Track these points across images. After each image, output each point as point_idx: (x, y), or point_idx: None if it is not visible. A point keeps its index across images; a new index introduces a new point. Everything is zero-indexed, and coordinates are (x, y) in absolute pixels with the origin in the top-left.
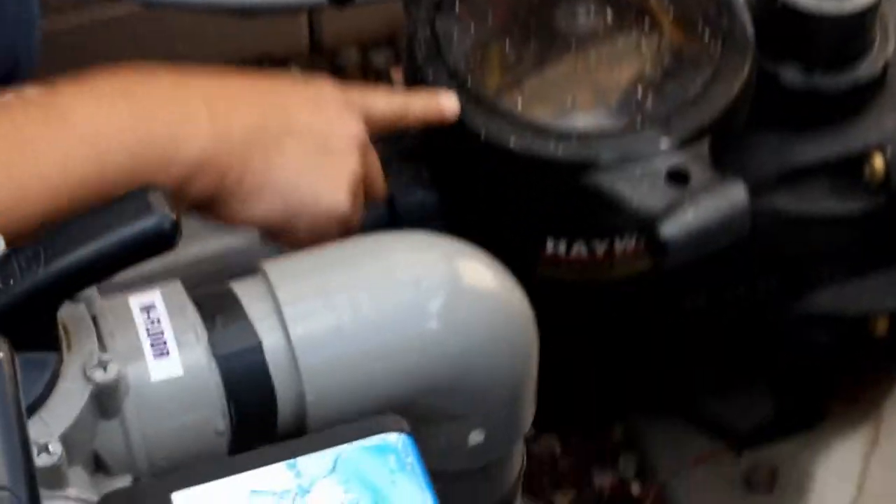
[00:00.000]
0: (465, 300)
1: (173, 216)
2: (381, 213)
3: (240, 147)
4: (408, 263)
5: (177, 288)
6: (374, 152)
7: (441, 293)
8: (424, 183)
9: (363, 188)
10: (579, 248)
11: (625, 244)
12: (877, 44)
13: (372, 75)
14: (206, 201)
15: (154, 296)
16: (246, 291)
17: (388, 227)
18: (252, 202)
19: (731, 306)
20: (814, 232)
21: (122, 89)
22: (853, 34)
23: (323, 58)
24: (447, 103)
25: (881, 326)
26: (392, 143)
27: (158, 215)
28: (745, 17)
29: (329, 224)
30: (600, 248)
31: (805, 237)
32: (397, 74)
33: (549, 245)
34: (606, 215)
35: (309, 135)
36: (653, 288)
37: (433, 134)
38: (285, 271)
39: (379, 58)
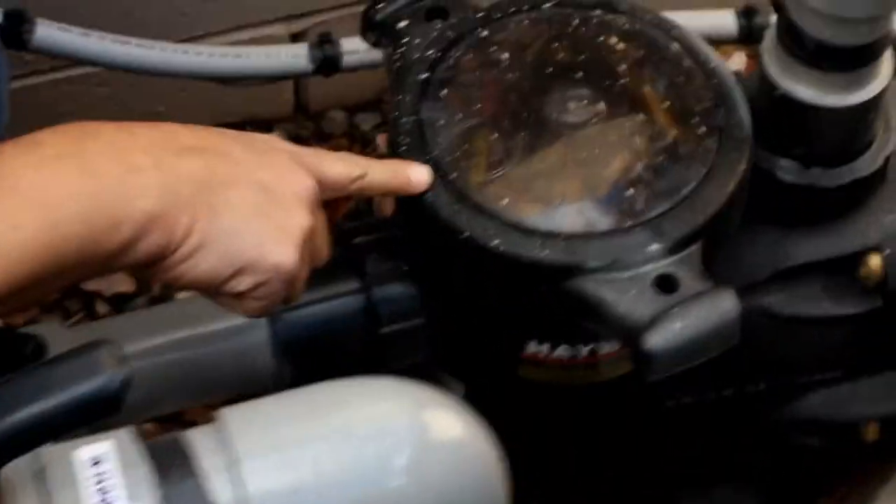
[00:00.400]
0: (433, 454)
1: (122, 375)
2: (359, 304)
3: (187, 201)
4: (373, 414)
5: (129, 437)
6: (323, 214)
7: (407, 447)
8: (403, 276)
9: (312, 245)
10: (562, 351)
11: (610, 347)
12: (878, 138)
13: (358, 140)
14: (153, 261)
15: (105, 447)
16: (202, 442)
17: (366, 321)
18: (197, 259)
19: (718, 407)
20: (806, 333)
21: (67, 149)
22: (854, 129)
23: (309, 121)
24: (417, 175)
25: (871, 431)
26: (371, 233)
27: (106, 376)
28: (744, 110)
29: (275, 282)
30: (584, 351)
31: (797, 338)
32: (383, 140)
33: (531, 346)
34: (590, 321)
35: (256, 187)
36: (637, 389)
37: (413, 227)
38: (244, 420)
39: (366, 122)
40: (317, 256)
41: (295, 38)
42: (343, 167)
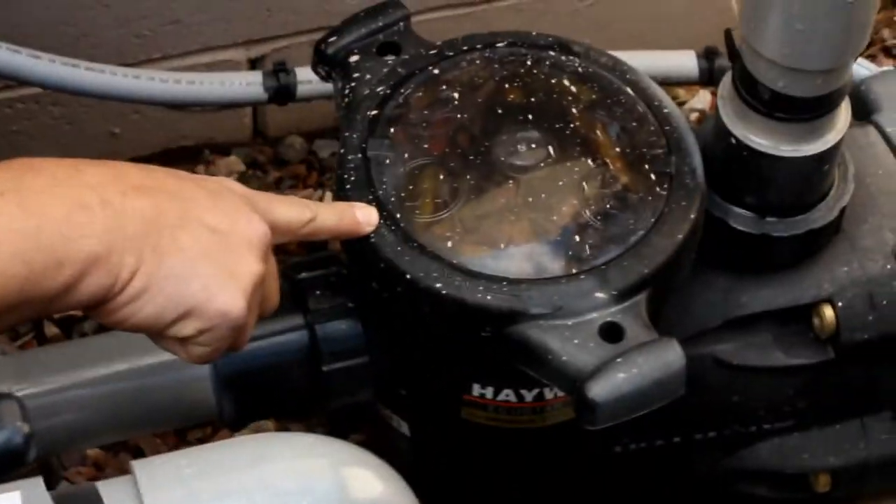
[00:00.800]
0: None
1: (26, 429)
2: (302, 341)
3: (133, 242)
4: (293, 470)
5: (38, 488)
6: (273, 260)
7: None
8: (348, 314)
9: (261, 293)
10: (506, 395)
11: (556, 392)
12: (834, 189)
13: (316, 167)
14: (97, 302)
15: (12, 498)
16: (113, 496)
17: (308, 358)
18: (140, 302)
19: (667, 453)
20: (757, 383)
21: (9, 185)
22: (810, 179)
23: (267, 146)
24: (363, 216)
25: (823, 482)
26: (316, 270)
27: (9, 430)
28: (696, 157)
29: (221, 328)
30: (529, 395)
31: (748, 387)
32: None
33: (475, 389)
34: (533, 368)
35: (207, 230)
36: (583, 434)
37: (357, 266)
38: (158, 475)
39: (324, 149)
40: (266, 304)
41: (253, 63)
42: (294, 212)
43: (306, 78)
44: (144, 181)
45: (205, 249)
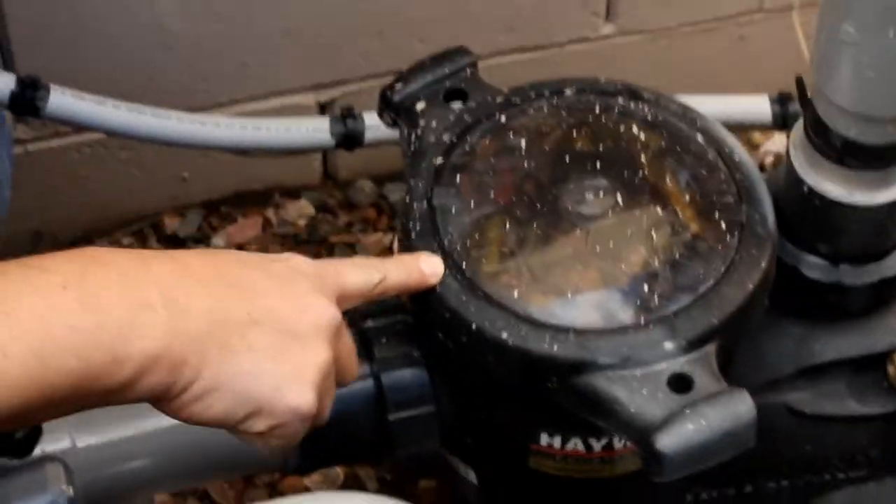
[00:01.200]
0: None
1: (70, 492)
2: (367, 390)
3: (197, 341)
4: None
5: None
6: (347, 334)
7: None
8: (414, 363)
9: (334, 376)
10: (574, 444)
11: (625, 441)
12: None
13: (386, 210)
14: (158, 398)
15: None
16: None
17: (374, 407)
18: (208, 400)
19: (739, 502)
20: (831, 432)
21: (73, 278)
22: (883, 227)
23: (337, 190)
24: (429, 267)
25: None
26: (382, 318)
27: (53, 493)
28: (767, 205)
29: (293, 424)
30: (598, 445)
31: (821, 437)
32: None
33: (543, 438)
34: (600, 418)
35: (275, 322)
36: (653, 484)
37: (422, 315)
38: None
39: (394, 193)
40: (343, 378)
41: (323, 107)
42: (362, 275)
43: (374, 123)
44: (209, 274)
45: (272, 345)
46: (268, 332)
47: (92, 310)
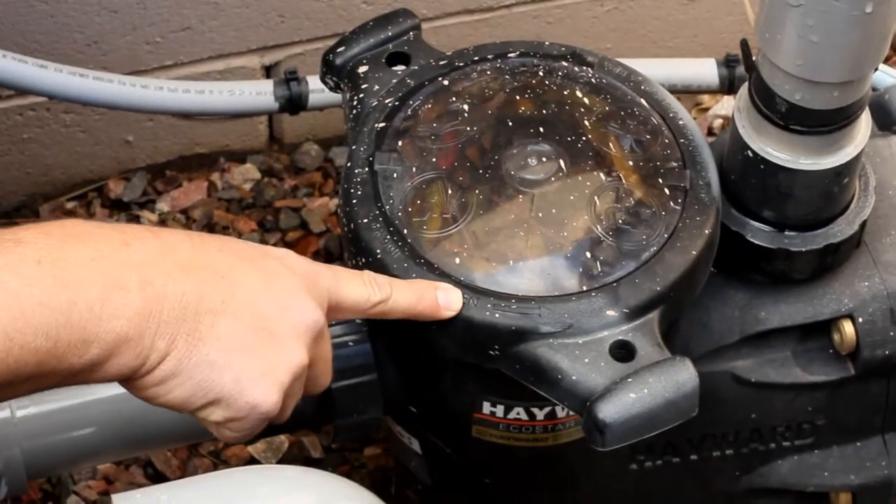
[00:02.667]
0: None
1: None
2: None
3: (167, 325)
4: None
5: None
6: (327, 340)
7: None
8: (356, 331)
9: (304, 381)
10: (517, 413)
11: (568, 410)
12: (854, 201)
13: (332, 175)
14: (123, 379)
15: None
16: None
17: None
18: (169, 385)
19: (683, 471)
20: (776, 400)
21: (50, 254)
22: (829, 193)
23: (283, 153)
24: (446, 300)
25: (843, 500)
26: None
27: None
28: (712, 170)
29: (250, 419)
30: (540, 414)
31: (766, 405)
32: None
33: (486, 407)
34: (542, 386)
35: (251, 316)
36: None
37: None
38: None
39: (340, 157)
40: (313, 385)
41: (268, 70)
42: (363, 291)
43: (318, 87)
44: (194, 259)
45: (243, 339)
46: (241, 324)
47: (65, 287)
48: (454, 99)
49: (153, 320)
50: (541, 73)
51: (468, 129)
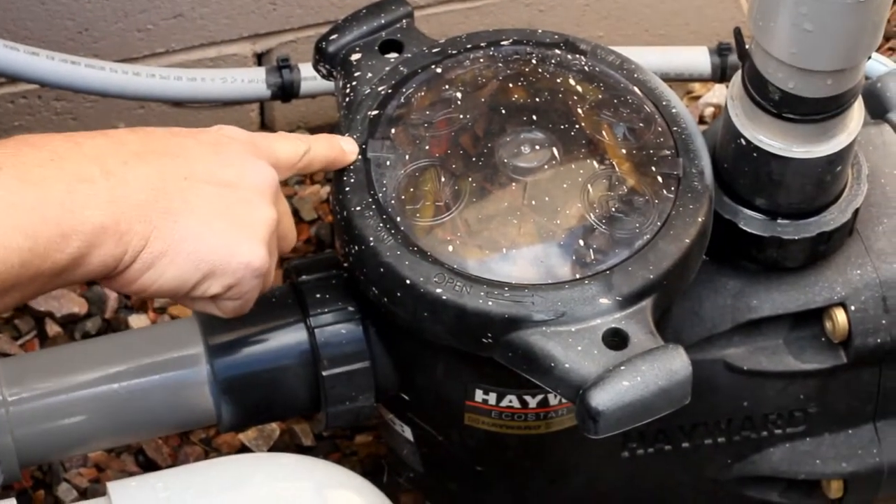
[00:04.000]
0: None
1: None
2: (302, 345)
3: (140, 208)
4: (272, 495)
5: None
6: (284, 199)
7: None
8: (349, 318)
9: (277, 237)
10: (510, 401)
11: (560, 398)
12: (847, 190)
13: None
14: (109, 273)
15: None
16: None
17: (308, 362)
18: (159, 267)
19: (675, 459)
20: (768, 388)
21: (9, 161)
22: (822, 181)
23: None
24: (348, 144)
25: (835, 487)
26: (317, 273)
27: None
28: (705, 158)
29: (247, 280)
30: (533, 401)
31: (758, 393)
32: None
33: (479, 395)
34: (535, 374)
35: (214, 185)
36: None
37: (356, 270)
38: (133, 497)
39: None
40: (284, 243)
41: (260, 57)
42: (291, 146)
43: (310, 74)
44: (144, 146)
45: (216, 205)
46: (209, 192)
47: (33, 185)
48: (447, 87)
49: (124, 205)
50: (534, 61)
51: (461, 116)
